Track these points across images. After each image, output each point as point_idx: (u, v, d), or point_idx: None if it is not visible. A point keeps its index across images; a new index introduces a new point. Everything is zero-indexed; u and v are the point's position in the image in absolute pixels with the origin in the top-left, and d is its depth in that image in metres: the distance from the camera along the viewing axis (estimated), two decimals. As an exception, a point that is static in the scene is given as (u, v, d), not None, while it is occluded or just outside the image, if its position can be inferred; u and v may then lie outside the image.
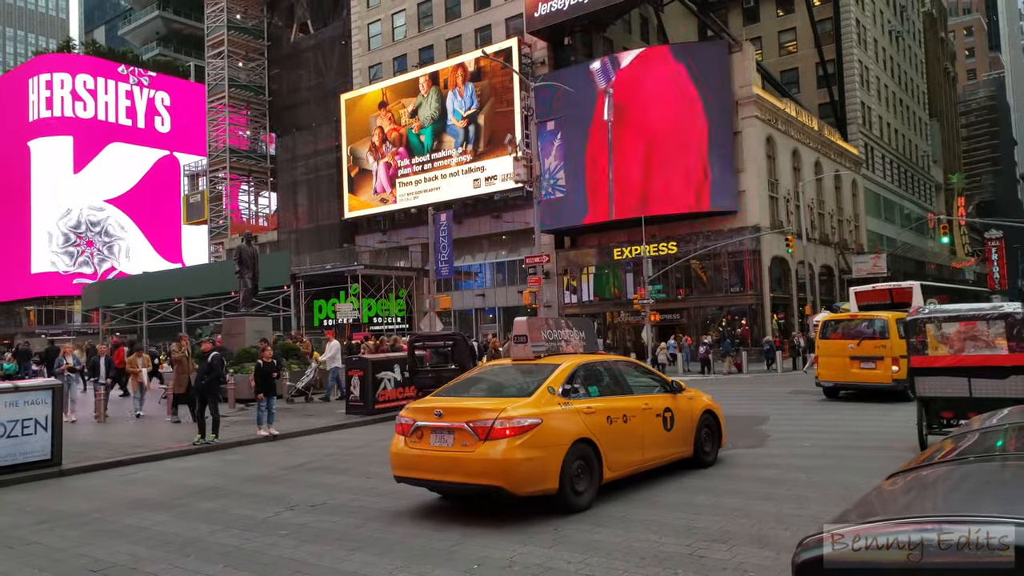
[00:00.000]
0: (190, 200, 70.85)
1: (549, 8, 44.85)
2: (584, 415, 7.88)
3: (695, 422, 9.58)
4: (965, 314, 10.35)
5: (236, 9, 65.99)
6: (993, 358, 9.80)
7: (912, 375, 10.62)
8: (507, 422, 7.26)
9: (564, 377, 8.16)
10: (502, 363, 9.86)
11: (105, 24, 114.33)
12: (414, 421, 7.85)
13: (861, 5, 56.82)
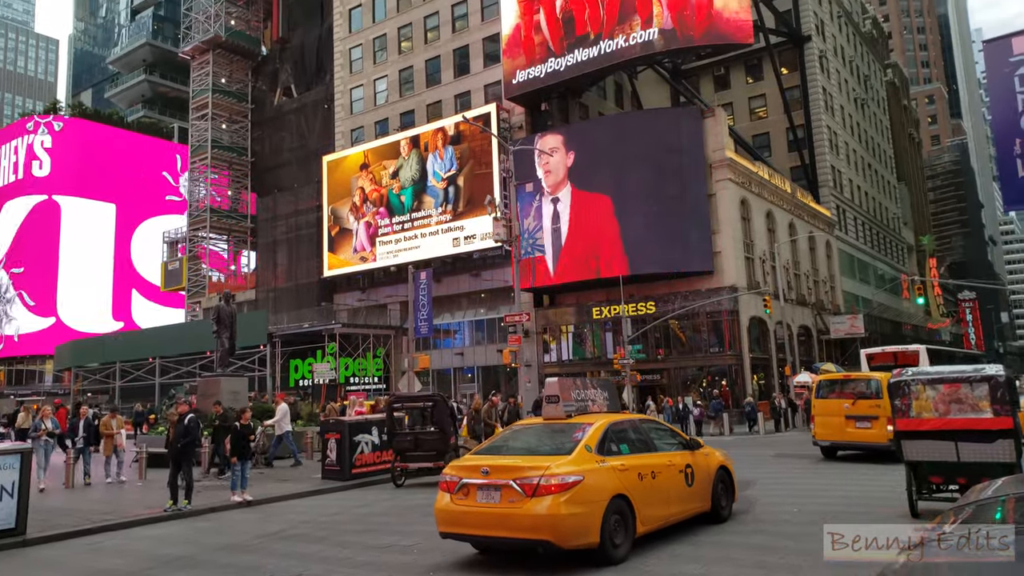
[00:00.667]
0: (168, 267, 70.06)
1: (527, 75, 46.04)
2: (619, 472, 8.37)
3: (712, 478, 10.09)
4: (948, 376, 10.27)
5: (221, 73, 67.08)
6: (979, 422, 9.71)
7: (899, 438, 10.49)
8: (552, 479, 7.72)
9: (599, 436, 8.64)
10: (533, 422, 10.43)
11: (92, 87, 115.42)
12: (460, 479, 8.21)
13: (827, 74, 58.84)
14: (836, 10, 64.69)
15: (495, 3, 49.29)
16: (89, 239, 78.71)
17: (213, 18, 65.72)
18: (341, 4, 59.47)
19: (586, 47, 44.12)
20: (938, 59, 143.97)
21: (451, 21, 52.66)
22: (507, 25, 47.44)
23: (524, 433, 9.65)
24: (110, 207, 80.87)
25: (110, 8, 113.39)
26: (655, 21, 42.13)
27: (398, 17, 55.67)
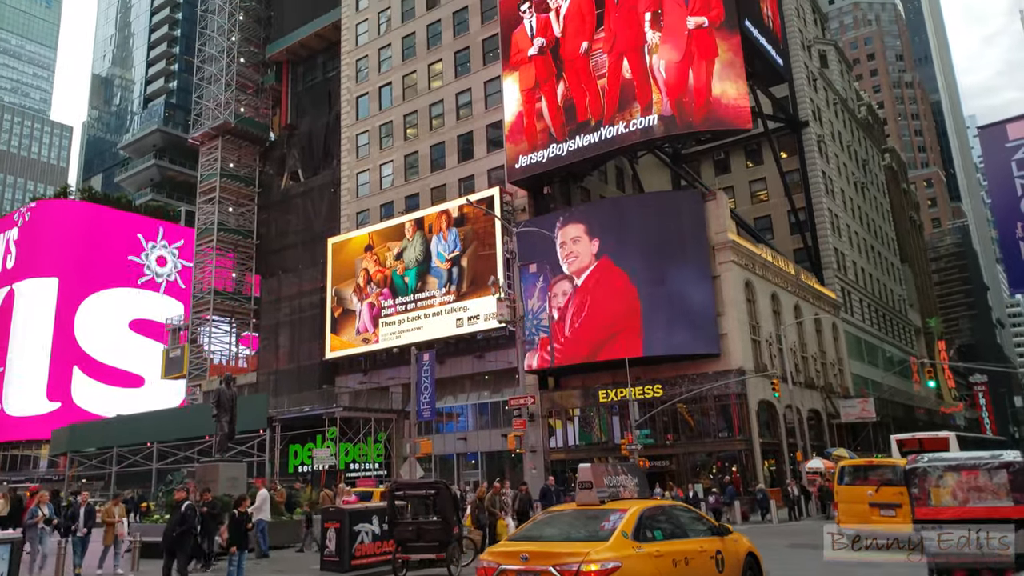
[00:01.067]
0: (170, 354, 69.46)
1: (529, 160, 46.76)
2: (654, 558, 8.52)
3: (741, 564, 10.06)
4: (965, 463, 9.94)
5: (230, 158, 68.44)
6: (999, 510, 9.31)
7: (917, 527, 10.03)
8: (592, 565, 7.86)
9: (634, 522, 8.79)
10: (566, 508, 10.53)
11: (103, 172, 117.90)
12: (499, 564, 8.31)
13: (826, 158, 59.79)
14: (832, 97, 66.29)
15: (498, 92, 50.54)
16: (32, 317, 78.33)
17: (223, 106, 67.49)
18: (349, 92, 61.11)
19: (587, 133, 44.94)
20: (934, 144, 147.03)
21: (455, 109, 53.93)
22: (510, 113, 48.51)
23: (558, 519, 9.75)
24: (52, 281, 79.41)
25: (124, 97, 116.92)
26: (655, 108, 43.02)
27: (404, 105, 57.07)
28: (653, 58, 43.44)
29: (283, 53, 70.26)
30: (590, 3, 45.96)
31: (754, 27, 46.67)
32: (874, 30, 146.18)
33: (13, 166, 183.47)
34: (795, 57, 57.91)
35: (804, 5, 65.86)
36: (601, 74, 45.02)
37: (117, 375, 79.27)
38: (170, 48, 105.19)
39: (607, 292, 41.28)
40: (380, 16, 60.49)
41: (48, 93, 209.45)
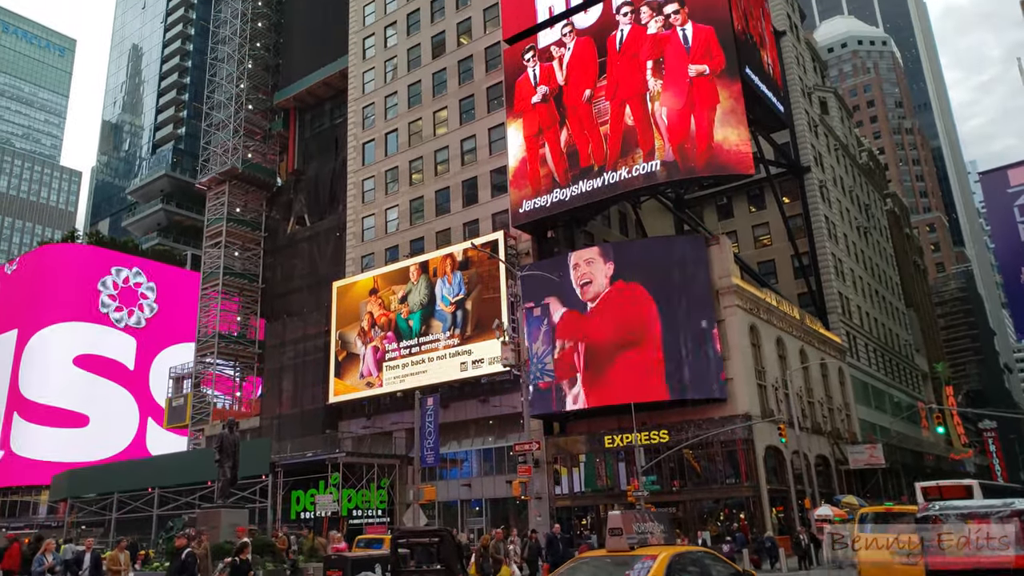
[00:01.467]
0: (173, 403, 68.75)
1: (533, 204, 47.10)
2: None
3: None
4: (977, 511, 9.84)
5: (236, 203, 69.11)
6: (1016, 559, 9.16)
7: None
8: None
9: (664, 568, 8.89)
10: (596, 554, 10.84)
11: (110, 216, 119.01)
12: None
13: (828, 203, 60.12)
14: (833, 143, 66.95)
15: (502, 138, 51.17)
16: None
17: (231, 151, 68.40)
18: (355, 139, 61.93)
19: (590, 178, 45.35)
20: (935, 189, 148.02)
21: (460, 155, 54.57)
22: (513, 158, 49.03)
23: (589, 566, 9.90)
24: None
25: (133, 142, 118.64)
26: (657, 153, 43.46)
27: (410, 151, 57.78)
28: (655, 105, 44.05)
29: (291, 100, 71.44)
30: (592, 52, 46.79)
31: (755, 74, 47.39)
32: (873, 78, 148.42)
33: (22, 210, 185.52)
34: (796, 104, 58.67)
35: (804, 53, 66.96)
36: (604, 120, 45.61)
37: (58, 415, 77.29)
38: (179, 95, 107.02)
39: (624, 312, 41.20)
40: (387, 65, 61.62)
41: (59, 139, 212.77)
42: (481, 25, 55.85)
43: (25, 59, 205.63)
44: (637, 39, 45.48)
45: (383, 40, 62.39)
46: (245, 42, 72.01)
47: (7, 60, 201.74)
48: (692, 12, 44.25)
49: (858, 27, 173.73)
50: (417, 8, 60.46)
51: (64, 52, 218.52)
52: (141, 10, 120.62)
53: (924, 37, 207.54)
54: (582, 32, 47.67)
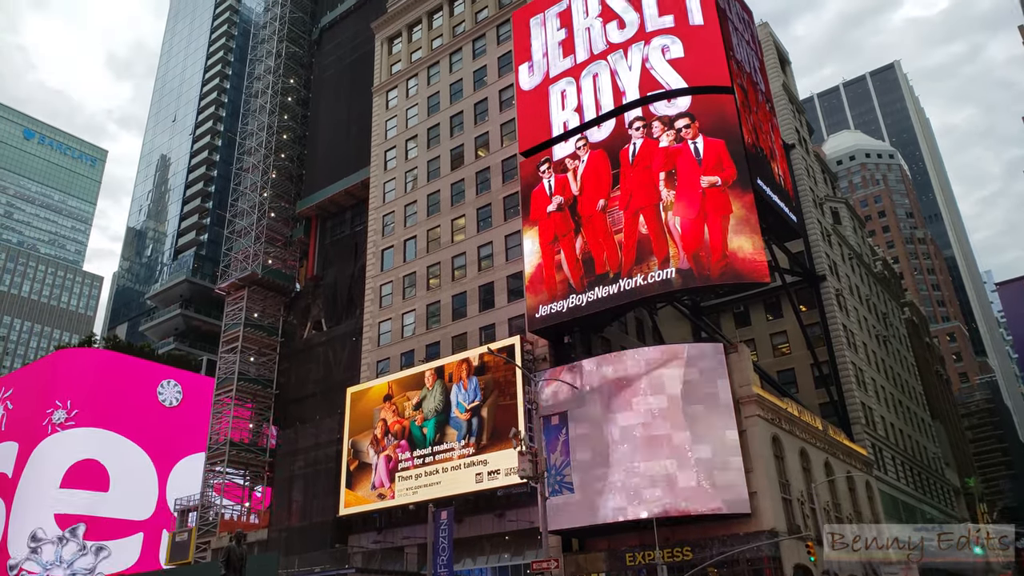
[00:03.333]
0: (176, 538, 64.65)
1: (549, 310, 47.07)
2: None
3: None
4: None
5: (255, 308, 69.71)
6: None
7: None
8: None
9: None
10: None
11: (128, 320, 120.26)
12: None
13: (846, 312, 59.84)
14: (847, 252, 67.33)
15: (518, 245, 51.83)
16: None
17: (252, 257, 69.61)
18: (375, 245, 62.97)
19: (606, 285, 45.44)
20: (952, 298, 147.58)
21: (477, 261, 55.19)
22: (529, 264, 49.43)
23: None
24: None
25: (155, 248, 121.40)
26: (672, 262, 43.66)
27: (428, 257, 58.55)
28: (668, 214, 44.62)
29: (313, 209, 73.25)
30: (606, 164, 47.90)
31: (766, 185, 48.21)
32: (882, 189, 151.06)
33: (42, 315, 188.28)
34: (808, 214, 59.41)
35: (813, 165, 68.40)
36: (618, 229, 46.13)
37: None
38: (204, 203, 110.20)
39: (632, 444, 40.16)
40: (407, 175, 63.41)
41: (83, 245, 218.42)
42: (498, 139, 57.70)
43: (57, 168, 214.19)
44: (649, 152, 46.59)
45: (404, 152, 64.45)
46: (270, 153, 74.60)
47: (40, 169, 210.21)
48: (703, 126, 45.51)
49: (865, 141, 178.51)
50: (437, 123, 62.73)
51: (95, 162, 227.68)
52: (172, 123, 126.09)
53: (930, 150, 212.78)
54: (596, 145, 48.96)
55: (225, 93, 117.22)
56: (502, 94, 58.84)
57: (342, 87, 76.86)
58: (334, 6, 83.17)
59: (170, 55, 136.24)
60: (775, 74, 64.90)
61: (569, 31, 52.89)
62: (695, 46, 47.81)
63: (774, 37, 68.68)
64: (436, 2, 67.86)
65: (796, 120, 66.97)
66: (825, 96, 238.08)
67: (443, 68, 64.65)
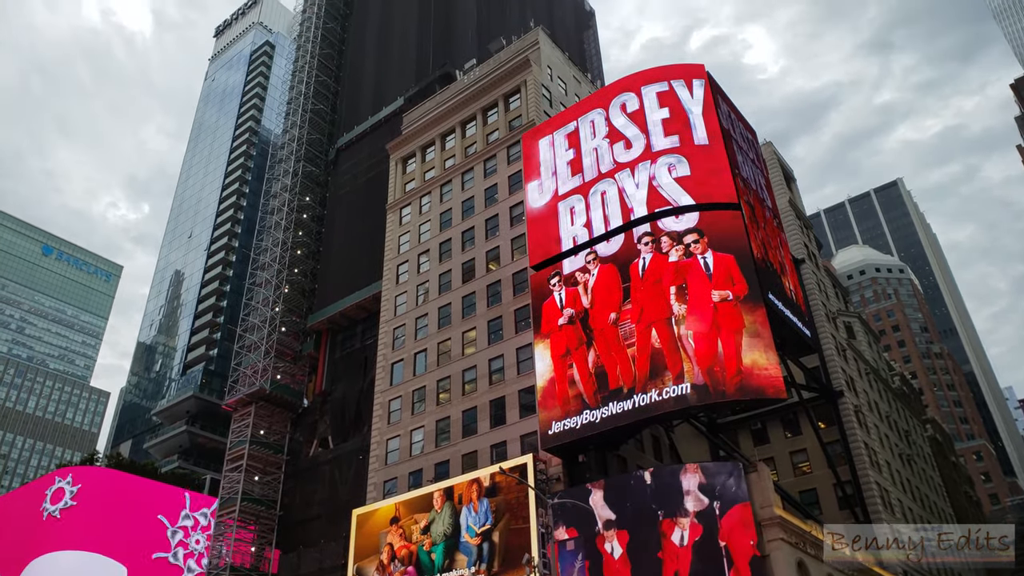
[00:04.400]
0: None
1: (562, 426, 45.82)
2: None
3: None
4: None
5: (261, 425, 68.47)
6: None
7: None
8: None
9: None
10: None
11: (133, 437, 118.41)
12: None
13: (866, 429, 58.10)
14: (863, 367, 66.18)
15: (530, 358, 51.20)
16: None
17: (260, 373, 69.01)
18: (384, 359, 62.42)
19: (620, 400, 44.41)
20: (975, 415, 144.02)
21: (488, 374, 54.40)
22: (541, 378, 48.59)
23: None
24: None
25: (164, 363, 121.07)
26: (686, 376, 42.79)
27: (438, 371, 57.83)
28: (681, 328, 44.12)
29: (324, 323, 73.29)
30: (616, 278, 47.90)
31: (778, 300, 47.86)
32: (895, 303, 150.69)
33: (45, 432, 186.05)
34: (822, 328, 58.79)
35: (824, 280, 68.38)
36: (630, 343, 45.55)
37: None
38: (215, 318, 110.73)
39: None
40: (419, 289, 63.67)
41: (92, 360, 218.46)
42: (509, 253, 58.21)
43: (72, 283, 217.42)
44: (659, 266, 46.64)
45: (416, 266, 65.01)
46: (283, 268, 75.43)
47: (55, 284, 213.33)
48: (711, 241, 45.73)
49: (874, 255, 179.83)
50: (449, 238, 63.59)
51: (110, 278, 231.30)
52: (187, 240, 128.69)
53: (939, 265, 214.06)
54: (605, 259, 49.14)
55: (241, 210, 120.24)
56: (512, 210, 59.88)
57: (356, 204, 78.64)
58: (350, 128, 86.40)
59: (189, 174, 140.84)
60: (781, 191, 66.02)
61: (577, 151, 54.27)
62: (701, 164, 48.79)
63: (778, 155, 70.36)
64: (449, 125, 70.30)
65: (804, 235, 67.53)
66: (831, 212, 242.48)
67: (455, 186, 66.18)
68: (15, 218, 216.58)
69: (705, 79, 52.12)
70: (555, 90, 68.59)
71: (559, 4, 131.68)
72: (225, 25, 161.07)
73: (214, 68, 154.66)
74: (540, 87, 65.78)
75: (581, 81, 76.07)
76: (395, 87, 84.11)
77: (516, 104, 66.21)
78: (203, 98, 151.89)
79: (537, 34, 70.53)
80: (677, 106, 51.09)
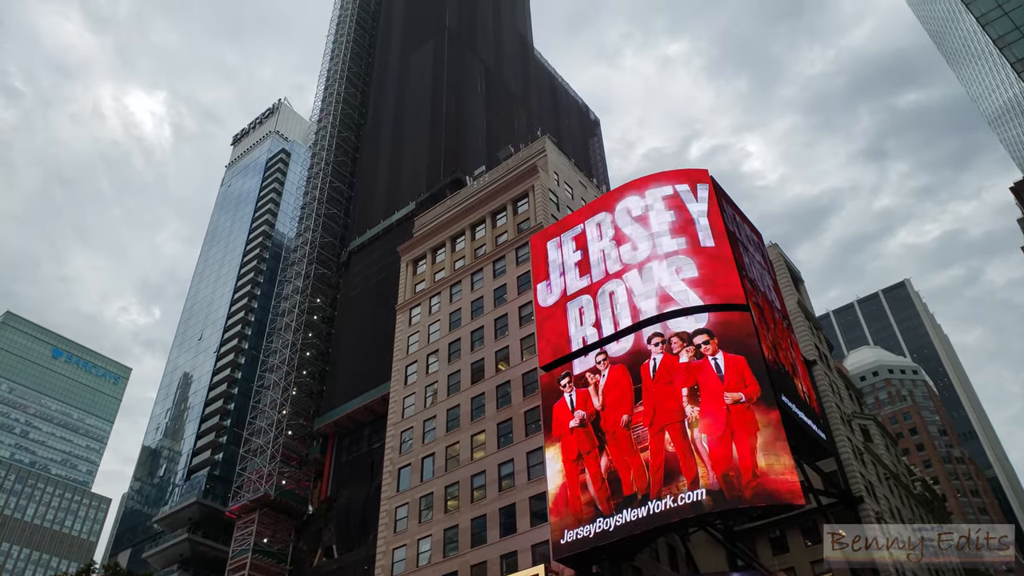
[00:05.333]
0: None
1: (575, 535, 44.33)
2: None
3: None
4: None
5: (264, 532, 66.65)
6: None
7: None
8: None
9: None
10: None
11: (132, 546, 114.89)
12: None
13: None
14: (882, 472, 64.39)
15: (541, 463, 50.11)
16: None
17: (266, 478, 67.72)
18: (391, 463, 61.21)
19: (634, 507, 43.11)
20: (1003, 522, 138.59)
21: (498, 480, 53.15)
22: (553, 484, 47.36)
23: None
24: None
25: (169, 468, 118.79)
26: (701, 482, 41.67)
27: (445, 476, 56.57)
28: (694, 432, 43.30)
29: (331, 426, 72.44)
30: (627, 379, 47.43)
31: (791, 402, 47.16)
32: (910, 405, 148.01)
33: (43, 541, 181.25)
34: (837, 431, 57.62)
35: (837, 381, 67.53)
36: (643, 447, 44.63)
37: None
38: (222, 421, 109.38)
39: None
40: (427, 390, 63.14)
41: (95, 465, 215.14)
42: (518, 353, 58.02)
43: (80, 387, 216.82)
44: (670, 367, 46.27)
45: (425, 367, 64.72)
46: (292, 370, 75.28)
47: (62, 387, 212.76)
48: (722, 343, 45.52)
49: (886, 356, 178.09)
50: (458, 338, 63.60)
51: (118, 380, 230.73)
52: (197, 342, 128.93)
53: (953, 366, 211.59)
54: (616, 360, 48.83)
55: (252, 312, 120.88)
56: (521, 310, 60.12)
57: (366, 305, 79.20)
58: (363, 231, 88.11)
59: (202, 277, 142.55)
60: (789, 292, 66.22)
61: (584, 253, 54.93)
62: (708, 266, 49.21)
63: (785, 257, 71.00)
64: (460, 228, 71.65)
65: (815, 336, 67.21)
66: (840, 313, 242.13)
67: (465, 287, 66.76)
68: (27, 321, 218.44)
69: (709, 183, 53.34)
70: (562, 194, 70.21)
71: (565, 113, 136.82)
72: (243, 133, 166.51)
73: (230, 175, 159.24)
74: (547, 192, 67.38)
75: (587, 186, 77.94)
76: (407, 192, 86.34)
77: (524, 208, 67.64)
78: (218, 204, 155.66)
79: (544, 142, 72.86)
80: (682, 209, 52.06)
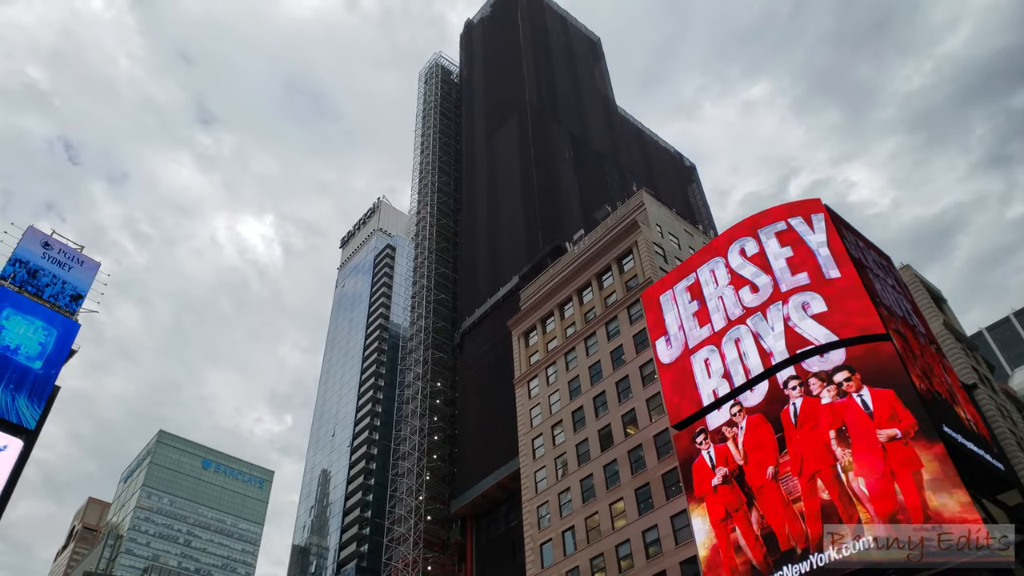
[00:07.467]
0: None
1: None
2: None
3: None
4: None
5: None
6: None
7: None
8: None
9: None
10: None
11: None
12: None
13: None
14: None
15: (686, 526, 48.00)
16: None
17: (411, 565, 67.75)
18: (532, 540, 60.05)
19: (795, 562, 40.07)
20: None
21: (643, 548, 51.11)
22: (703, 547, 44.87)
23: None
24: None
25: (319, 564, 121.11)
26: (866, 530, 38.31)
27: (589, 548, 54.95)
28: (849, 476, 40.19)
29: (467, 507, 72.08)
30: (768, 429, 44.90)
31: (956, 432, 43.11)
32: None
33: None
34: (1016, 459, 52.26)
35: (1006, 404, 61.66)
36: (795, 497, 41.75)
37: None
38: (363, 513, 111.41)
39: None
40: (557, 462, 62.01)
41: (252, 567, 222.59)
42: (646, 414, 56.27)
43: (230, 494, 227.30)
44: (813, 410, 43.49)
45: (551, 438, 63.77)
46: (423, 455, 76.00)
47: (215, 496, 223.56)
48: (865, 377, 42.48)
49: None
50: (581, 406, 62.49)
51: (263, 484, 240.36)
52: (331, 439, 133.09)
53: None
54: (752, 410, 46.44)
55: (379, 403, 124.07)
56: (643, 369, 58.57)
57: (485, 384, 79.54)
58: (471, 312, 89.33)
59: (328, 376, 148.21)
60: (932, 314, 61.65)
61: (701, 302, 53.20)
62: (837, 298, 46.51)
63: (920, 277, 66.46)
64: (566, 294, 71.36)
65: (970, 358, 61.94)
66: (996, 329, 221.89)
67: (579, 353, 65.92)
68: (179, 437, 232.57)
69: (824, 212, 50.98)
70: (667, 246, 68.93)
71: (658, 165, 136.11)
72: (349, 236, 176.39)
73: (343, 275, 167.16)
74: (652, 245, 66.31)
75: (693, 234, 76.35)
76: (509, 267, 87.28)
77: (630, 265, 66.74)
78: (335, 306, 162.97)
79: (642, 195, 72.24)
80: (800, 242, 49.85)
